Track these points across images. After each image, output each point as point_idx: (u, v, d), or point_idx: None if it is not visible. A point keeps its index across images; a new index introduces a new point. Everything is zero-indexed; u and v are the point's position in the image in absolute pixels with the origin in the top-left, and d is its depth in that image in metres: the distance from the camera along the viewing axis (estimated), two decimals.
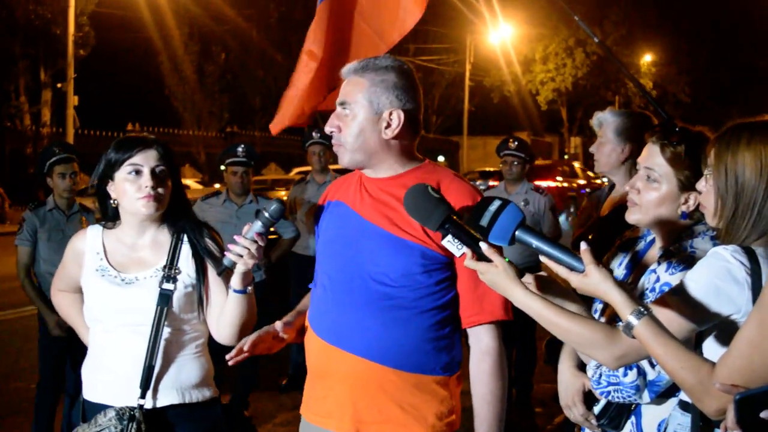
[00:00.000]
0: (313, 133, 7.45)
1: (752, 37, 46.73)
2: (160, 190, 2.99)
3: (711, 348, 2.30)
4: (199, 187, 26.99)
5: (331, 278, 2.74)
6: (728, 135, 2.29)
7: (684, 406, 2.41)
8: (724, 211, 2.28)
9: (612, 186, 4.33)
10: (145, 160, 2.98)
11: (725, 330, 2.25)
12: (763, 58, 46.80)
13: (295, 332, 2.84)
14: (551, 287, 2.43)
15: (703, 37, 48.28)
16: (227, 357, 2.71)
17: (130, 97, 37.80)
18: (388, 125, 2.72)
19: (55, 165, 5.66)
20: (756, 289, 2.17)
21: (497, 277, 2.24)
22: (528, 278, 2.28)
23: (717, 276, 2.21)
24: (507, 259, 2.23)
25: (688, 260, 2.50)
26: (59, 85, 27.63)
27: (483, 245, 2.21)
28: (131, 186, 2.99)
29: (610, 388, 2.60)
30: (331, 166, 7.78)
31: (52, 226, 5.67)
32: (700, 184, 2.38)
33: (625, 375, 2.53)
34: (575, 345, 2.47)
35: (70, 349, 5.60)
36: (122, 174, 3.00)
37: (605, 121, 4.09)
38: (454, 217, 2.33)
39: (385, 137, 2.72)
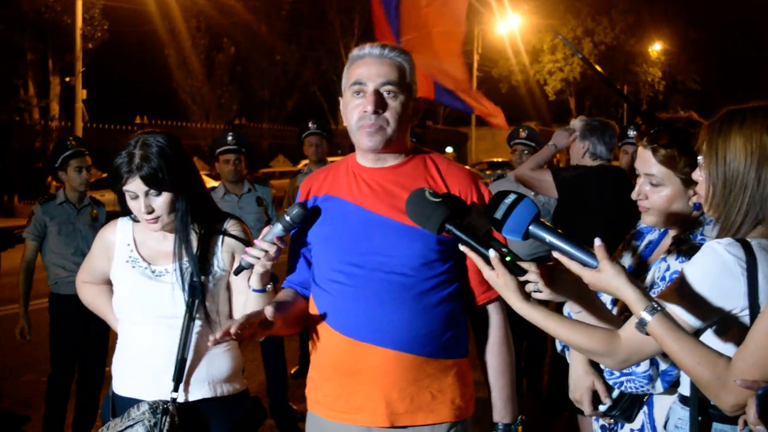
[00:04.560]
0: (310, 124, 7.42)
1: (760, 27, 46.45)
2: (156, 213, 2.97)
3: (709, 343, 2.26)
4: (208, 179, 27.03)
5: (346, 275, 2.68)
6: (719, 122, 2.29)
7: (683, 400, 2.40)
8: (716, 197, 2.27)
9: None
10: (137, 187, 2.94)
11: (723, 324, 2.24)
12: None
13: (280, 323, 2.70)
14: (561, 278, 2.41)
15: (712, 27, 48.00)
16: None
17: (139, 91, 37.86)
18: (414, 112, 2.76)
19: (71, 159, 5.67)
20: (753, 281, 2.15)
21: (498, 287, 2.26)
22: (532, 269, 2.26)
23: (712, 272, 2.19)
24: (509, 258, 2.22)
25: (696, 249, 2.49)
26: (68, 79, 27.66)
27: (491, 253, 2.21)
28: (134, 205, 2.99)
29: (623, 378, 2.60)
30: (330, 158, 7.75)
31: (63, 220, 5.68)
32: (695, 174, 2.36)
33: (638, 365, 2.52)
34: (580, 352, 2.48)
35: (82, 341, 5.63)
36: (126, 194, 3.00)
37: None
38: (459, 221, 2.34)
39: (409, 123, 2.75)
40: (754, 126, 2.22)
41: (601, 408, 2.75)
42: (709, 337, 2.27)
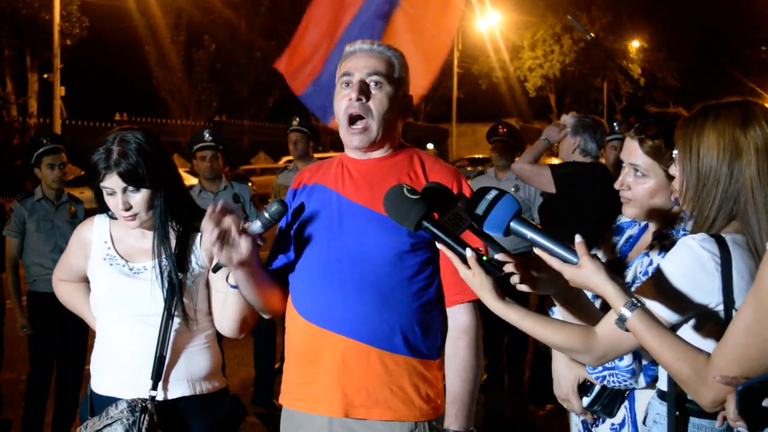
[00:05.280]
0: (293, 121, 7.40)
1: (739, 25, 46.77)
2: (134, 209, 2.93)
3: (686, 338, 2.24)
4: (187, 176, 26.89)
5: (316, 261, 2.69)
6: (694, 117, 2.29)
7: (661, 395, 2.40)
8: (689, 192, 2.28)
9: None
10: (114, 183, 2.90)
11: (700, 320, 2.24)
12: (749, 46, 46.88)
13: (256, 270, 2.66)
14: (540, 270, 2.41)
15: (691, 24, 48.29)
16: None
17: (118, 87, 37.62)
18: (405, 107, 2.78)
19: (44, 156, 5.64)
20: (727, 277, 2.15)
21: (473, 286, 2.24)
22: (509, 267, 2.26)
23: (687, 267, 2.19)
24: (486, 258, 2.22)
25: None
26: (46, 76, 27.48)
27: (468, 252, 2.20)
28: (112, 202, 2.96)
29: (606, 372, 2.60)
30: (317, 155, 7.72)
31: (41, 217, 5.65)
32: (672, 169, 2.37)
33: (621, 359, 2.52)
34: (557, 350, 2.47)
35: (61, 339, 5.59)
36: (104, 191, 2.97)
37: None
38: (438, 216, 2.33)
39: (400, 120, 2.76)
40: (727, 121, 2.23)
41: (587, 399, 2.75)
42: (686, 333, 2.27)
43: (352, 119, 2.69)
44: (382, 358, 2.62)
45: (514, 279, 2.25)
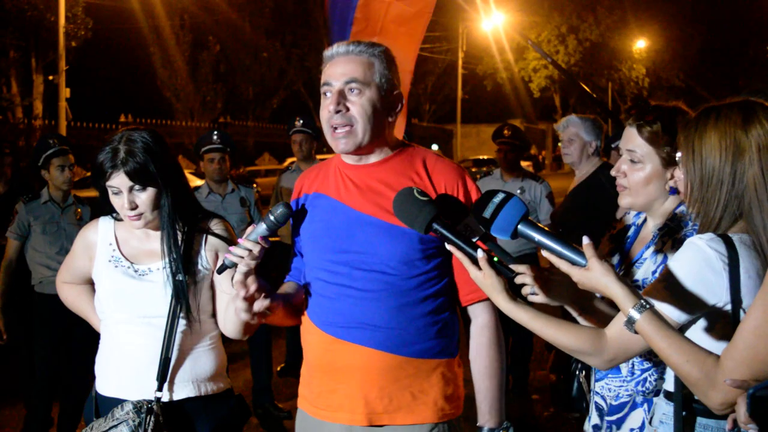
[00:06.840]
0: (296, 122, 7.38)
1: (744, 25, 46.67)
2: (140, 209, 2.94)
3: (695, 339, 2.25)
4: (193, 177, 26.95)
5: (329, 272, 2.69)
6: (696, 119, 2.30)
7: (668, 395, 2.40)
8: (694, 194, 2.28)
9: None
10: (120, 182, 2.91)
11: (708, 320, 2.24)
12: (754, 46, 46.79)
13: (282, 312, 2.72)
14: (556, 281, 2.41)
15: (696, 25, 48.19)
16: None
17: (123, 89, 37.70)
18: (393, 107, 2.73)
19: (53, 157, 5.63)
20: (734, 276, 2.15)
21: (485, 287, 2.25)
22: (527, 272, 2.27)
23: (695, 267, 2.19)
24: (496, 259, 2.22)
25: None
26: (51, 78, 27.51)
27: (479, 253, 2.21)
28: (117, 201, 2.96)
29: (646, 374, 2.62)
30: (319, 156, 7.70)
31: (47, 219, 5.64)
32: (677, 171, 2.38)
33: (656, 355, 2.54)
34: (567, 352, 2.49)
35: (68, 340, 5.59)
36: (109, 190, 2.97)
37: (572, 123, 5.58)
38: (447, 220, 2.34)
39: (390, 120, 2.72)
40: (728, 122, 2.23)
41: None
42: (694, 333, 2.27)
43: (335, 128, 2.67)
44: (403, 364, 2.63)
45: (526, 290, 2.26)
